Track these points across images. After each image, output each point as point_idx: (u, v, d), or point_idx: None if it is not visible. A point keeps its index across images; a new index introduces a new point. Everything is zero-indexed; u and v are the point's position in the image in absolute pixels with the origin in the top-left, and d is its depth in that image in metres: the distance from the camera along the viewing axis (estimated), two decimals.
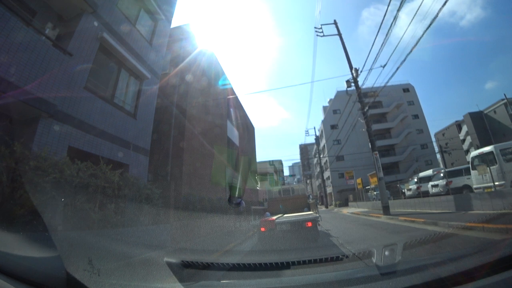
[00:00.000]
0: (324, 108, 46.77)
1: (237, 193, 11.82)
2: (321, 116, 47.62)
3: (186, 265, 2.97)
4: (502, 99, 35.70)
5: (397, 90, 38.87)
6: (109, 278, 2.62)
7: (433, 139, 41.63)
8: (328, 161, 37.75)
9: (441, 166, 33.11)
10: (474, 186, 10.58)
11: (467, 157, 27.90)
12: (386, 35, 10.93)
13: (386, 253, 1.87)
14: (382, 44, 11.50)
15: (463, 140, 42.51)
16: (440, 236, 4.97)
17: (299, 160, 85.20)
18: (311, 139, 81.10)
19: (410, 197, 15.68)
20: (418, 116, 39.55)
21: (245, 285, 2.09)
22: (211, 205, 10.01)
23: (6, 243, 2.08)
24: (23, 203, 3.36)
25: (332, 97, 43.02)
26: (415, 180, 17.31)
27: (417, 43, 9.63)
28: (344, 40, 15.05)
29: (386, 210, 12.11)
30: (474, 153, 11.30)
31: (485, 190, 9.21)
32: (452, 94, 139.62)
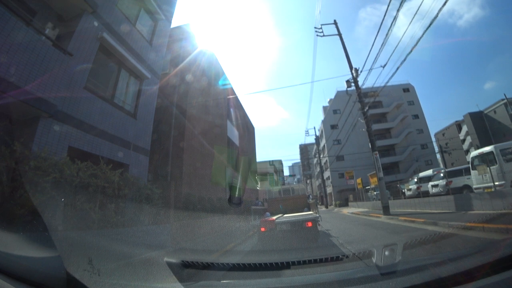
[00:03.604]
0: (324, 108, 46.77)
1: (237, 193, 11.87)
2: (321, 116, 47.68)
3: (186, 265, 2.97)
4: (502, 99, 35.70)
5: (397, 90, 38.87)
6: (109, 278, 2.62)
7: (433, 139, 41.64)
8: (328, 161, 37.75)
9: (441, 166, 33.12)
10: (474, 186, 10.57)
11: (467, 157, 27.90)
12: (386, 35, 10.94)
13: (386, 253, 1.87)
14: (382, 44, 11.51)
15: (463, 140, 42.50)
16: (440, 236, 4.97)
17: (299, 160, 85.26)
18: (311, 139, 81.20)
19: (410, 197, 15.68)
20: (418, 116, 39.54)
21: (245, 285, 2.09)
22: (211, 205, 10.01)
23: (6, 243, 2.08)
24: (23, 203, 3.35)
25: (332, 97, 43.07)
26: (415, 180, 17.30)
27: (417, 43, 9.65)
28: (344, 40, 15.07)
29: (386, 210, 12.11)
30: (474, 153, 11.29)
31: (485, 190, 9.21)
32: (452, 94, 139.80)
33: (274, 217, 7.42)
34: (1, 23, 4.50)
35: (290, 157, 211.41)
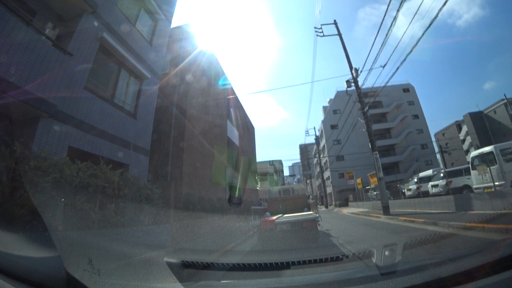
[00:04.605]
0: (324, 108, 46.77)
1: (237, 193, 11.87)
2: (321, 116, 47.69)
3: (186, 265, 2.97)
4: (502, 99, 35.71)
5: (397, 90, 38.88)
6: (109, 278, 2.62)
7: (433, 139, 41.65)
8: (328, 161, 37.75)
9: (441, 166, 33.11)
10: (474, 186, 10.57)
11: (467, 157, 27.90)
12: (386, 35, 10.94)
13: (386, 253, 1.87)
14: (382, 44, 11.52)
15: (463, 140, 42.50)
16: (440, 236, 4.97)
17: (299, 160, 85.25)
18: (311, 139, 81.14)
19: (410, 197, 15.68)
20: (418, 116, 39.55)
21: (245, 285, 2.09)
22: (211, 205, 10.01)
23: (6, 243, 2.08)
24: (23, 203, 3.35)
25: (332, 97, 43.08)
26: (415, 180, 17.30)
27: (417, 43, 9.65)
28: (344, 40, 15.06)
29: (386, 210, 12.11)
30: (474, 153, 11.30)
31: (485, 190, 9.21)
32: (452, 94, 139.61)
33: (274, 217, 7.42)
34: (1, 23, 4.50)
35: (290, 157, 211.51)
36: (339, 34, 15.14)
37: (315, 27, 17.30)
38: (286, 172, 73.65)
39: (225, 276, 3.02)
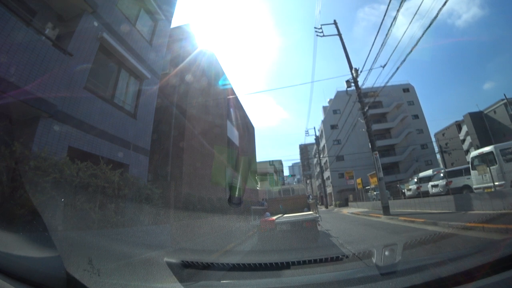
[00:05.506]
0: (324, 108, 46.77)
1: (237, 193, 11.89)
2: (321, 116, 47.70)
3: (186, 265, 2.98)
4: (502, 99, 35.71)
5: (397, 90, 38.88)
6: (109, 278, 2.62)
7: (433, 139, 41.66)
8: (328, 161, 37.75)
9: (441, 166, 33.11)
10: (474, 186, 10.58)
11: (467, 157, 27.90)
12: (386, 35, 10.94)
13: (386, 253, 1.87)
14: (382, 44, 11.52)
15: (463, 140, 42.50)
16: (440, 236, 4.97)
17: (299, 160, 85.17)
18: (311, 139, 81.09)
19: (410, 197, 15.69)
20: (418, 116, 39.55)
21: (245, 285, 2.09)
22: (211, 205, 10.01)
23: (6, 243, 2.08)
24: (23, 203, 3.36)
25: (332, 97, 43.09)
26: (415, 180, 17.30)
27: (417, 43, 9.65)
28: (344, 41, 15.06)
29: (386, 210, 12.11)
30: (474, 153, 11.30)
31: (485, 190, 9.21)
32: (452, 94, 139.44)
33: (274, 217, 7.43)
34: (1, 23, 4.50)
35: (290, 157, 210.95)
36: (339, 34, 15.15)
37: (315, 27, 17.33)
38: (286, 172, 73.58)
39: (225, 276, 3.02)
